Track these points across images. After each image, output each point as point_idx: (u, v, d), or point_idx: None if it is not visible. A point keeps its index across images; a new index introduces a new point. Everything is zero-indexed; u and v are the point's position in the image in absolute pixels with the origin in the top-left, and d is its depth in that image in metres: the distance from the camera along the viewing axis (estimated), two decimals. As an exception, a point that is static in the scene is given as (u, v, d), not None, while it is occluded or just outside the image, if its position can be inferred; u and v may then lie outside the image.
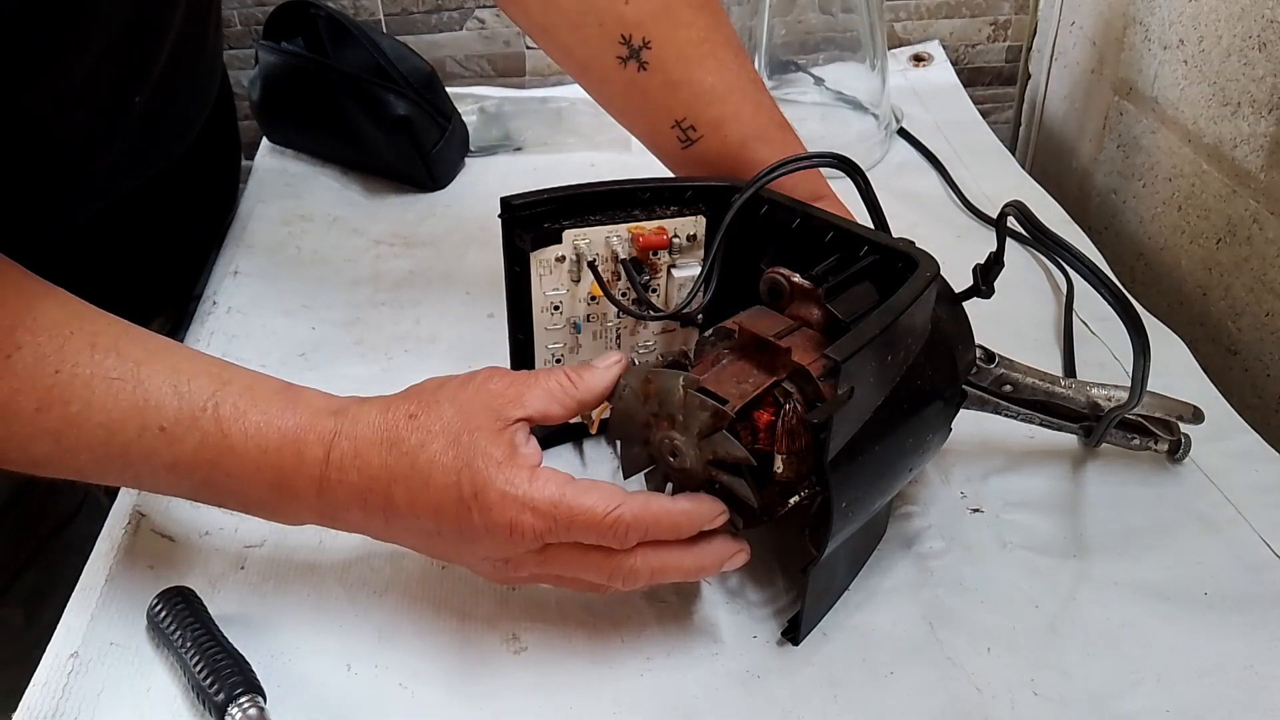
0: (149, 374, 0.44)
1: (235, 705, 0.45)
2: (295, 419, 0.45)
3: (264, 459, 0.44)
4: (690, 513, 0.45)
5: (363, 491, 0.45)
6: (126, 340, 0.45)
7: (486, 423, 0.44)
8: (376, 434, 0.45)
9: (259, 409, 0.45)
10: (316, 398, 0.47)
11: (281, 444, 0.44)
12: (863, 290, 0.49)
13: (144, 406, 0.43)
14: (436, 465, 0.43)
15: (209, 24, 0.68)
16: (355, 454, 0.44)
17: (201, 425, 0.44)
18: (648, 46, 0.57)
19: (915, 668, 0.49)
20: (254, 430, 0.44)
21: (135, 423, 0.43)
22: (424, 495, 0.44)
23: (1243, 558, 0.54)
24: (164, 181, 0.69)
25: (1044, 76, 1.07)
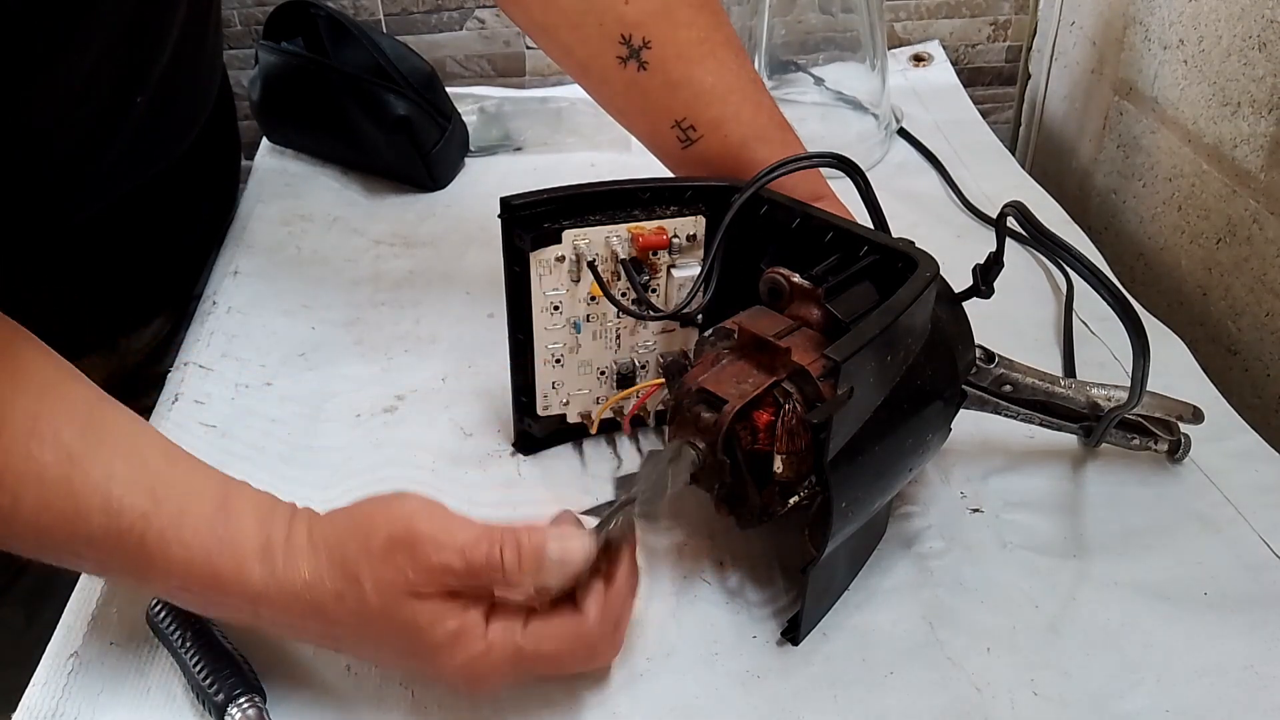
0: (81, 480, 0.41)
1: (235, 705, 0.45)
2: (219, 561, 0.42)
3: (188, 584, 0.43)
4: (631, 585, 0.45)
5: (303, 637, 0.45)
6: (68, 429, 0.42)
7: (420, 608, 0.41)
8: (303, 607, 0.42)
9: (183, 542, 0.42)
10: (250, 534, 0.43)
11: (207, 583, 0.42)
12: (863, 290, 0.49)
13: (74, 515, 0.41)
14: (383, 646, 0.43)
15: (209, 24, 0.68)
16: (285, 619, 0.43)
17: (127, 547, 0.42)
18: (648, 46, 0.57)
19: (915, 668, 0.49)
20: (178, 564, 0.42)
21: (64, 530, 0.41)
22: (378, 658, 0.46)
23: (1243, 558, 0.54)
24: (164, 181, 0.69)
25: (1044, 76, 1.07)
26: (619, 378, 0.59)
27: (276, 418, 0.64)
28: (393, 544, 0.41)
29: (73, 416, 0.42)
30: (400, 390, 0.66)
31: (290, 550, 0.42)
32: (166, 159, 0.69)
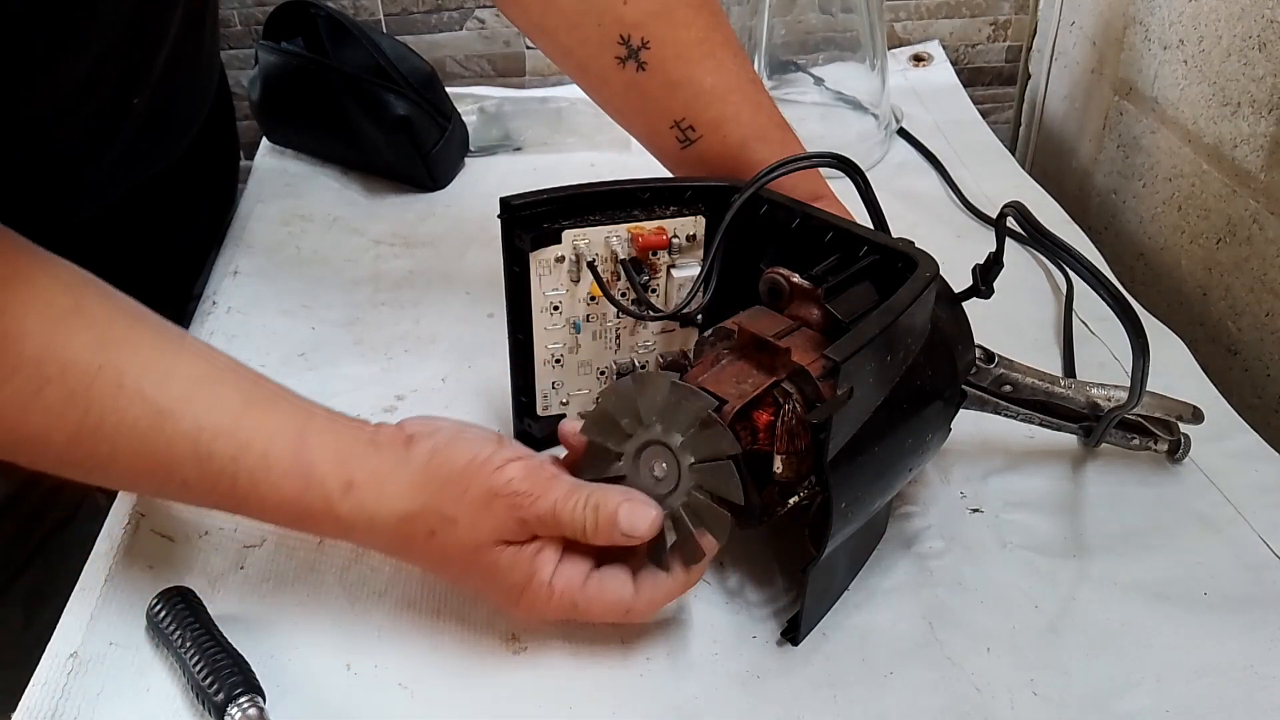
0: (172, 429, 0.44)
1: (235, 705, 0.45)
2: (306, 500, 0.45)
3: (285, 520, 0.47)
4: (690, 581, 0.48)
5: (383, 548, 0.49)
6: (152, 381, 0.44)
7: (501, 554, 0.46)
8: (391, 539, 0.47)
9: (272, 483, 0.45)
10: (330, 472, 0.45)
11: (298, 515, 0.46)
12: (862, 290, 0.49)
13: (167, 461, 0.44)
14: (453, 580, 0.50)
15: (206, 25, 0.68)
16: (375, 546, 0.49)
17: (221, 489, 0.45)
18: (646, 47, 0.57)
19: (915, 668, 0.49)
20: (270, 504, 0.46)
21: (160, 474, 0.45)
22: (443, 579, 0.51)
23: (1243, 558, 0.54)
24: (163, 181, 0.69)
25: (1044, 76, 1.07)
26: (619, 378, 0.59)
27: (276, 418, 0.64)
28: (491, 496, 0.45)
29: (151, 367, 0.44)
30: (400, 390, 0.66)
31: (380, 488, 0.46)
32: (165, 159, 0.69)
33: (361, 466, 0.46)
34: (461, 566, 0.47)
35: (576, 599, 0.46)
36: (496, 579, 0.46)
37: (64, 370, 0.42)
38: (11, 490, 0.66)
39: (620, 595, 0.46)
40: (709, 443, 0.44)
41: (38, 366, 0.42)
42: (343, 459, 0.46)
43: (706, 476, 0.45)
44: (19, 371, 0.41)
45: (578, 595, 0.46)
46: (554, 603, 0.46)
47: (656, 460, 0.46)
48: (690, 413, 0.44)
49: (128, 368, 0.44)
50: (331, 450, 0.46)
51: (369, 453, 0.46)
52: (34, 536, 0.68)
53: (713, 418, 0.44)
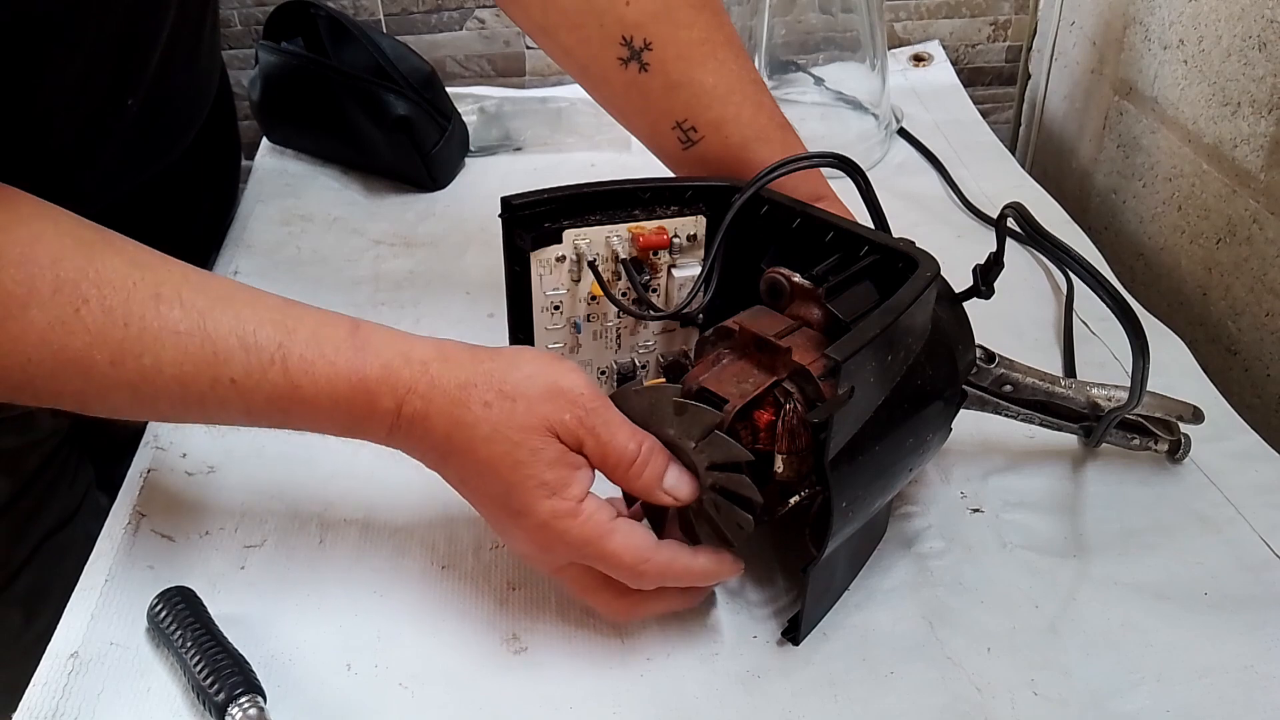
0: (215, 325, 0.44)
1: (235, 705, 0.45)
2: (365, 369, 0.45)
3: (335, 408, 0.45)
4: (709, 571, 0.47)
5: (424, 449, 0.47)
6: (189, 289, 0.44)
7: (549, 443, 0.45)
8: (447, 404, 0.45)
9: (327, 359, 0.45)
10: (387, 342, 0.46)
11: (352, 394, 0.45)
12: (863, 290, 0.49)
13: (214, 360, 0.44)
14: (490, 468, 0.45)
15: (204, 26, 0.68)
16: (424, 415, 0.45)
17: (271, 378, 0.44)
18: (649, 47, 0.57)
19: (915, 668, 0.49)
20: (324, 381, 0.45)
21: (207, 376, 0.44)
22: (475, 483, 0.46)
23: (1243, 558, 0.54)
24: (164, 181, 0.69)
25: (1044, 76, 1.07)
26: (619, 378, 0.59)
27: (277, 418, 0.64)
28: (558, 391, 0.45)
29: (188, 280, 0.45)
30: (400, 390, 0.66)
31: (443, 359, 0.46)
32: (163, 160, 0.69)
33: (421, 343, 0.46)
34: (503, 449, 0.44)
35: (599, 529, 0.45)
36: (534, 472, 0.44)
37: (100, 287, 0.43)
38: (10, 490, 0.66)
39: (643, 541, 0.45)
40: (722, 451, 0.45)
41: (75, 287, 0.42)
42: (398, 337, 0.47)
43: (723, 482, 0.45)
44: (58, 293, 0.42)
45: (604, 527, 0.45)
46: (577, 523, 0.44)
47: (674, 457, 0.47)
48: (700, 424, 0.45)
49: (164, 280, 0.44)
50: (386, 332, 0.47)
51: (429, 339, 0.47)
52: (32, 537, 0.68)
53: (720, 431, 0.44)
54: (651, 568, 0.45)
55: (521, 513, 0.45)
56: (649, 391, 0.46)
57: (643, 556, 0.45)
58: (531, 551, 0.47)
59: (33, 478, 0.67)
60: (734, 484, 0.45)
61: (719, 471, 0.45)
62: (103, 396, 0.44)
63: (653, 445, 0.46)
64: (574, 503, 0.45)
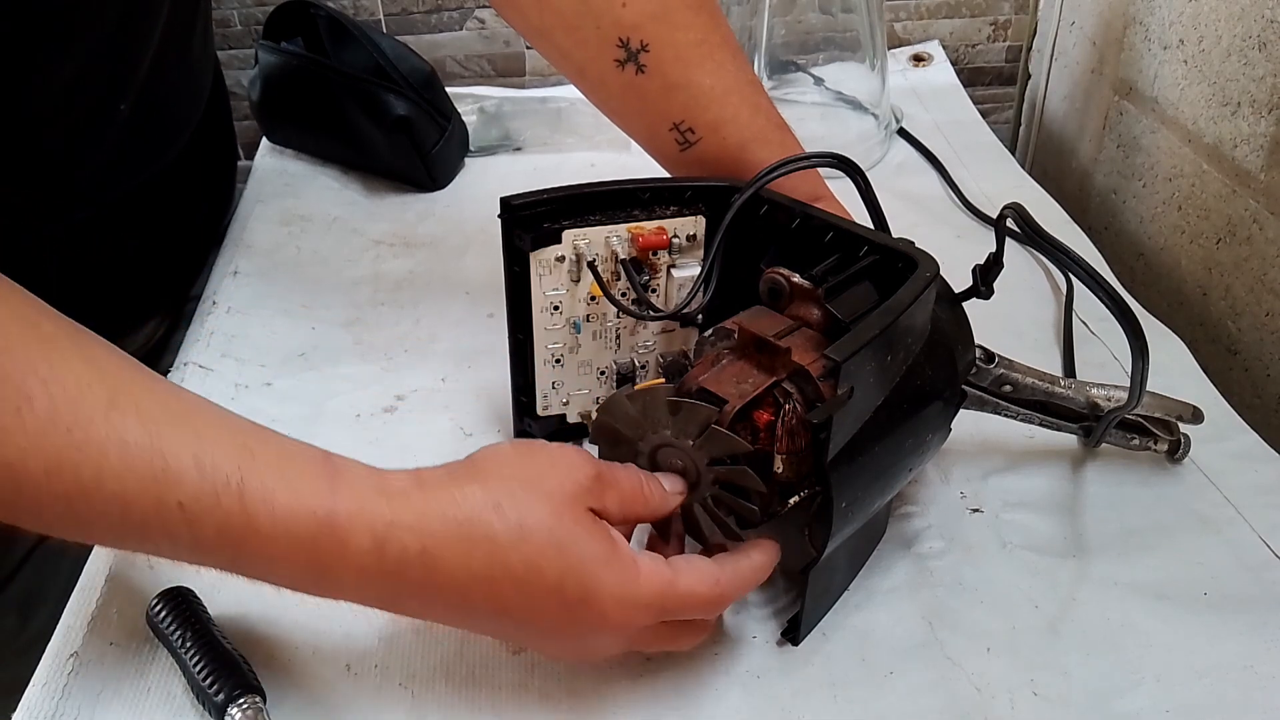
0: (170, 440, 0.38)
1: (235, 706, 0.45)
2: (334, 501, 0.39)
3: (295, 545, 0.38)
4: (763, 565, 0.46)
5: (430, 590, 0.40)
6: (149, 398, 0.39)
7: (580, 516, 0.41)
8: (452, 529, 0.39)
9: (289, 486, 0.38)
10: (361, 475, 0.41)
11: (317, 531, 0.38)
12: (863, 290, 0.49)
13: (161, 478, 0.37)
14: (536, 569, 0.39)
15: (195, 28, 0.67)
16: (422, 551, 0.39)
17: (224, 504, 0.38)
18: (646, 49, 0.57)
19: (915, 668, 0.49)
20: (283, 513, 0.38)
21: (151, 495, 0.38)
22: (518, 600, 0.40)
23: (1243, 558, 0.54)
24: (160, 182, 0.69)
25: (1044, 76, 1.07)
26: (619, 378, 0.59)
27: (276, 418, 0.64)
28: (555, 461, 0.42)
29: (152, 390, 0.40)
30: (400, 390, 0.66)
31: (423, 487, 0.40)
32: (158, 162, 0.68)
33: (395, 474, 0.41)
34: (541, 543, 0.39)
35: (663, 577, 0.41)
36: (582, 549, 0.40)
37: (48, 386, 0.37)
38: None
39: (705, 567, 0.43)
40: (721, 445, 0.44)
41: (19, 385, 0.37)
42: (371, 469, 0.41)
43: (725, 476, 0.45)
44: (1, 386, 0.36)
45: (664, 573, 0.41)
46: (644, 581, 0.41)
47: (672, 459, 0.46)
48: (696, 421, 0.44)
49: (121, 387, 0.39)
50: (361, 465, 0.41)
51: (398, 471, 0.41)
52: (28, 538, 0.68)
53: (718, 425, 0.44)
54: (726, 588, 0.44)
55: (585, 600, 0.40)
56: (641, 395, 0.46)
57: (714, 580, 0.43)
58: (608, 638, 0.43)
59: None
60: (736, 476, 0.45)
61: (720, 466, 0.45)
62: (35, 512, 0.38)
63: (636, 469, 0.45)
64: (630, 564, 0.41)
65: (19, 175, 0.57)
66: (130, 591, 0.52)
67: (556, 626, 0.42)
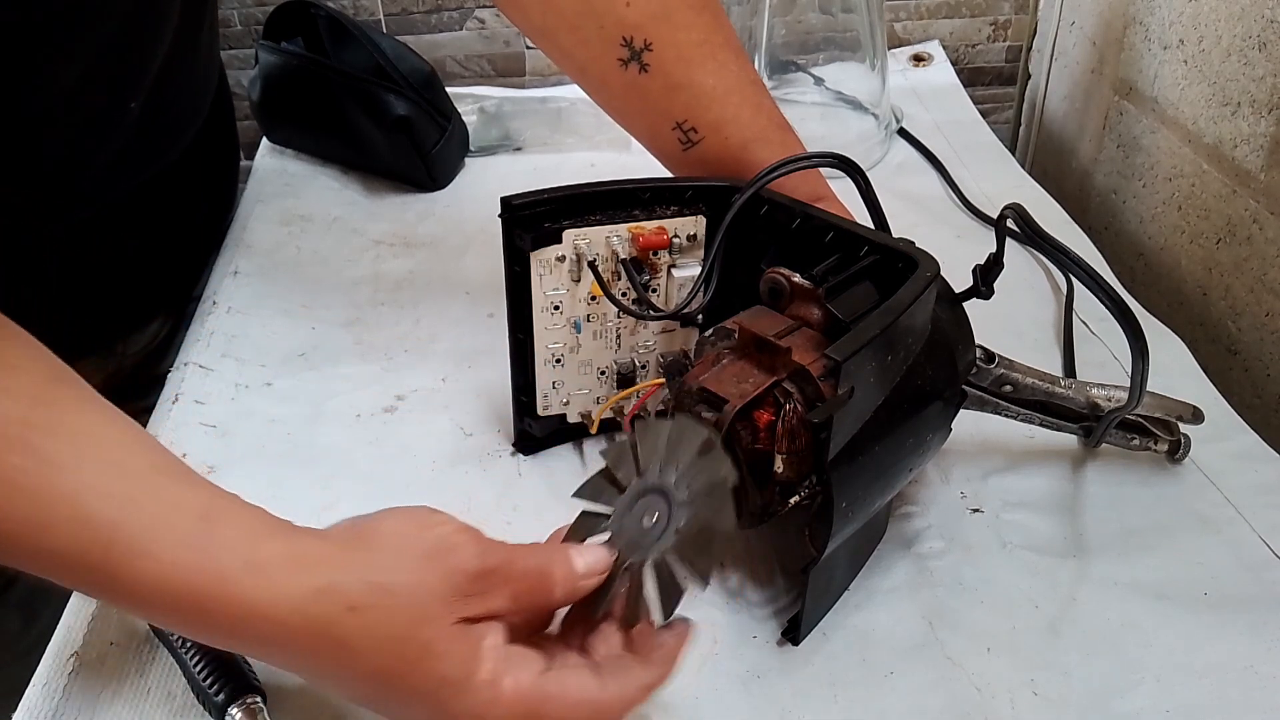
0: (51, 490, 0.36)
1: (235, 705, 0.45)
2: (200, 571, 0.37)
3: (164, 605, 0.37)
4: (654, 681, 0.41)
5: (291, 666, 0.39)
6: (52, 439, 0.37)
7: (442, 628, 0.37)
8: (304, 623, 0.37)
9: (153, 555, 0.36)
10: (235, 541, 0.38)
11: (177, 599, 0.37)
12: (863, 290, 0.49)
13: (39, 527, 0.37)
14: (388, 678, 0.37)
15: (203, 27, 0.68)
16: (275, 638, 0.37)
17: (91, 560, 0.37)
18: (649, 48, 0.57)
19: (915, 668, 0.49)
20: (150, 577, 0.36)
21: (29, 541, 0.37)
22: (374, 699, 0.39)
23: (1243, 558, 0.54)
24: (162, 183, 0.69)
25: (1044, 76, 1.07)
26: (619, 378, 0.59)
27: (276, 418, 0.64)
28: (439, 546, 0.38)
29: (59, 427, 0.38)
30: (400, 390, 0.66)
31: (294, 562, 0.38)
32: (163, 161, 0.69)
33: (274, 540, 0.38)
34: (387, 656, 0.37)
35: (531, 698, 0.37)
36: (426, 670, 0.37)
37: None
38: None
39: (585, 689, 0.39)
40: (708, 468, 0.41)
41: None
42: (254, 534, 0.38)
43: (701, 502, 0.41)
44: None
45: (532, 693, 0.38)
46: (505, 705, 0.37)
47: (648, 510, 0.41)
48: (691, 442, 0.41)
49: (34, 422, 0.37)
50: (243, 525, 0.38)
51: (286, 529, 0.39)
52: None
53: (714, 443, 0.41)
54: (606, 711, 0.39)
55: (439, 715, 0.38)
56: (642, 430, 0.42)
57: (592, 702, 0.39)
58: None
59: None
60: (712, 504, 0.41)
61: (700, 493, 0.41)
62: None
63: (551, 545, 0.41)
64: (489, 684, 0.37)
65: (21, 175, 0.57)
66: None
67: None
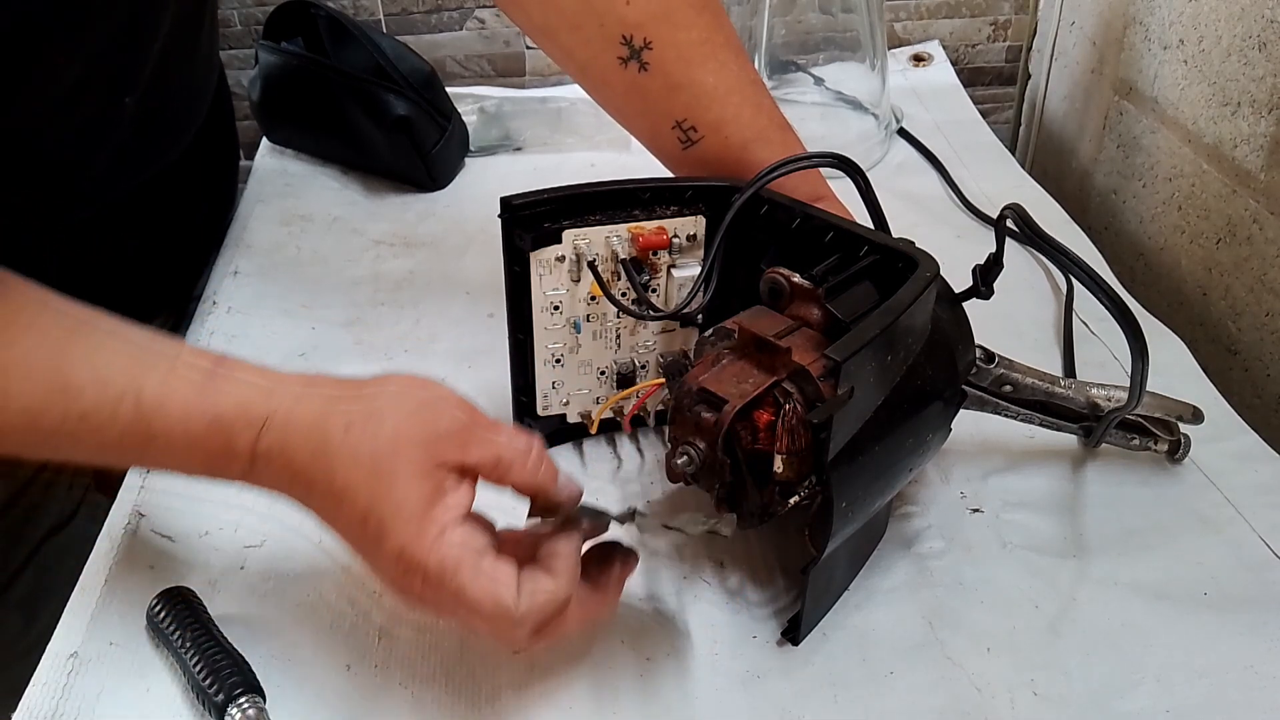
0: (70, 357, 0.42)
1: (235, 705, 0.45)
2: (221, 404, 0.42)
3: (191, 446, 0.42)
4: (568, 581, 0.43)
5: (284, 484, 0.43)
6: (48, 317, 0.43)
7: (415, 461, 0.41)
8: (305, 434, 0.42)
9: (181, 396, 0.42)
10: (247, 377, 0.44)
11: (207, 432, 0.42)
12: (863, 290, 0.49)
13: (64, 391, 0.41)
14: (349, 495, 0.41)
15: (202, 26, 0.68)
16: (282, 448, 0.42)
17: (122, 414, 0.42)
18: (649, 47, 0.57)
19: (915, 668, 0.49)
20: (177, 419, 0.42)
21: (57, 409, 0.42)
22: (335, 514, 0.43)
23: (1243, 558, 0.54)
24: (162, 182, 0.69)
25: (1044, 76, 1.07)
26: (619, 378, 0.59)
27: (276, 418, 0.64)
28: (429, 403, 0.43)
29: (62, 316, 0.43)
30: (400, 390, 0.66)
31: (303, 390, 0.43)
32: (162, 160, 0.69)
33: (287, 377, 0.44)
34: (363, 474, 0.41)
35: (461, 561, 0.40)
36: (393, 493, 0.40)
37: None
38: (8, 492, 0.66)
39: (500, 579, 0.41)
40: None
41: None
42: (262, 374, 0.44)
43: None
44: None
45: (462, 556, 0.40)
46: (434, 552, 0.40)
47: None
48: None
49: (24, 308, 0.42)
50: (251, 369, 0.44)
51: (297, 375, 0.44)
52: (31, 539, 0.68)
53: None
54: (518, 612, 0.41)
55: (378, 540, 0.41)
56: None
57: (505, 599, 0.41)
58: (391, 585, 0.43)
59: (31, 480, 0.67)
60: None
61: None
62: None
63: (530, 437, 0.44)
64: (435, 528, 0.40)
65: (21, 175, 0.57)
66: (130, 591, 0.52)
67: (362, 550, 0.43)
